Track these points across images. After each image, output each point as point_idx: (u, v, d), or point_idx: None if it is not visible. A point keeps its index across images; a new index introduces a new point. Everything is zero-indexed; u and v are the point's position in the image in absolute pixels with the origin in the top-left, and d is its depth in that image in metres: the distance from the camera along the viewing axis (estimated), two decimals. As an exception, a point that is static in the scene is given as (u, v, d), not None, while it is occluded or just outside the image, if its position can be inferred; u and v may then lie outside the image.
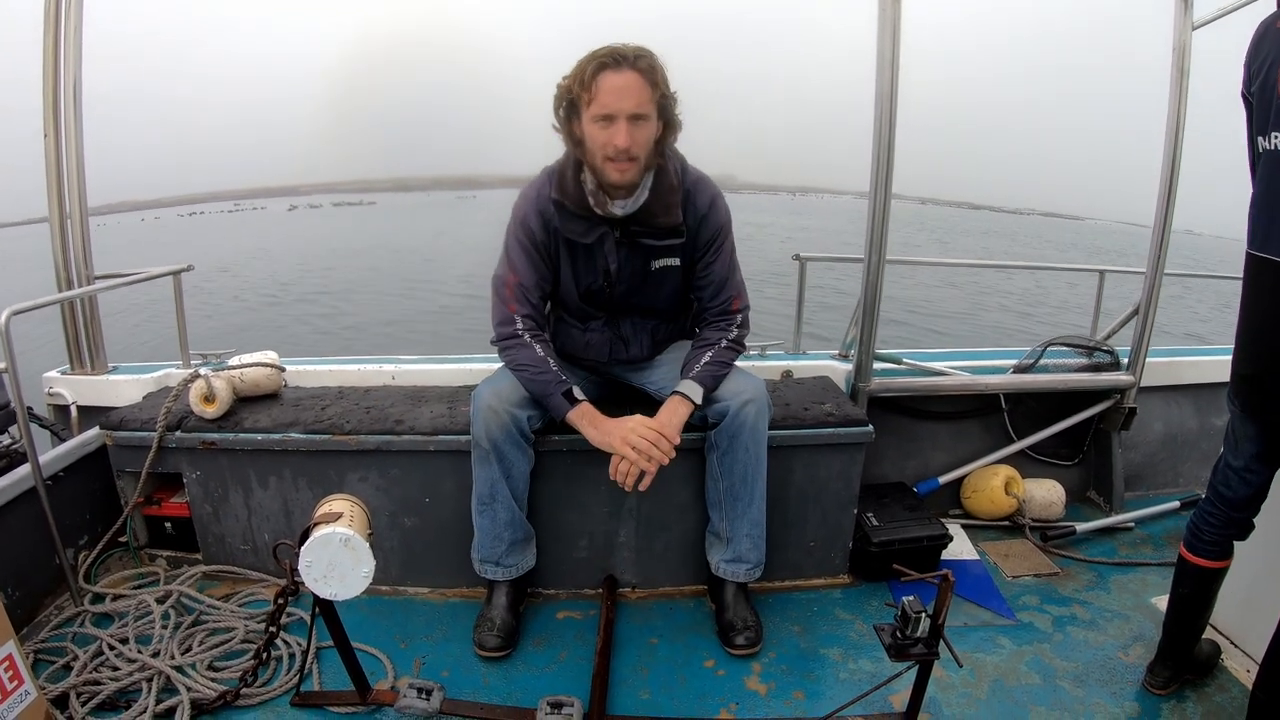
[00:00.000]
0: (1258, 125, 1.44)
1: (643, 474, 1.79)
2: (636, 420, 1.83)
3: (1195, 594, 1.72)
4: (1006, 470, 2.61)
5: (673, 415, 1.86)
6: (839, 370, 2.55)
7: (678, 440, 1.83)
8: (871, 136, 2.15)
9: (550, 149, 1.89)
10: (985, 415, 2.73)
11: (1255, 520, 1.64)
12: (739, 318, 2.01)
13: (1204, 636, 1.82)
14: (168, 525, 2.25)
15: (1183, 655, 1.79)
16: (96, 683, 1.74)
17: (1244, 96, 1.49)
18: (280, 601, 1.57)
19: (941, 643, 1.42)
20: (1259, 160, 1.44)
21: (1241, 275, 1.51)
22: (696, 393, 1.89)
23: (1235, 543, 1.67)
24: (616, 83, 1.69)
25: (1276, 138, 1.39)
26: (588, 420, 1.86)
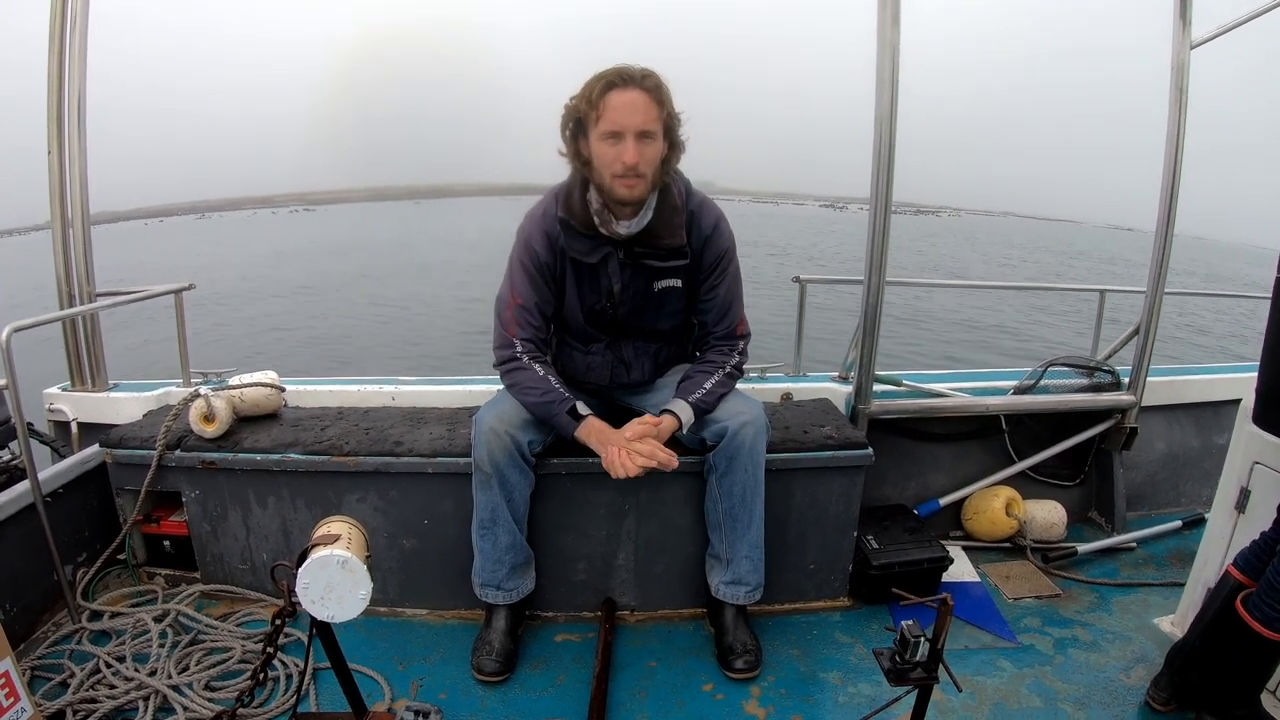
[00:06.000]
0: None
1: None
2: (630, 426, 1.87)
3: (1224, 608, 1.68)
4: (1007, 491, 2.60)
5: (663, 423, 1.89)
6: (839, 392, 2.55)
7: (665, 437, 1.88)
8: (871, 157, 2.16)
9: (539, 157, 1.88)
10: (986, 436, 2.73)
11: None
12: (742, 344, 2.02)
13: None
14: (166, 544, 2.25)
15: (1192, 675, 1.75)
16: (93, 700, 1.74)
17: None
18: (278, 622, 1.56)
19: (941, 667, 1.41)
20: None
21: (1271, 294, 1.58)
22: (686, 413, 1.90)
23: None
24: (624, 100, 1.72)
25: None
26: (596, 438, 1.86)
